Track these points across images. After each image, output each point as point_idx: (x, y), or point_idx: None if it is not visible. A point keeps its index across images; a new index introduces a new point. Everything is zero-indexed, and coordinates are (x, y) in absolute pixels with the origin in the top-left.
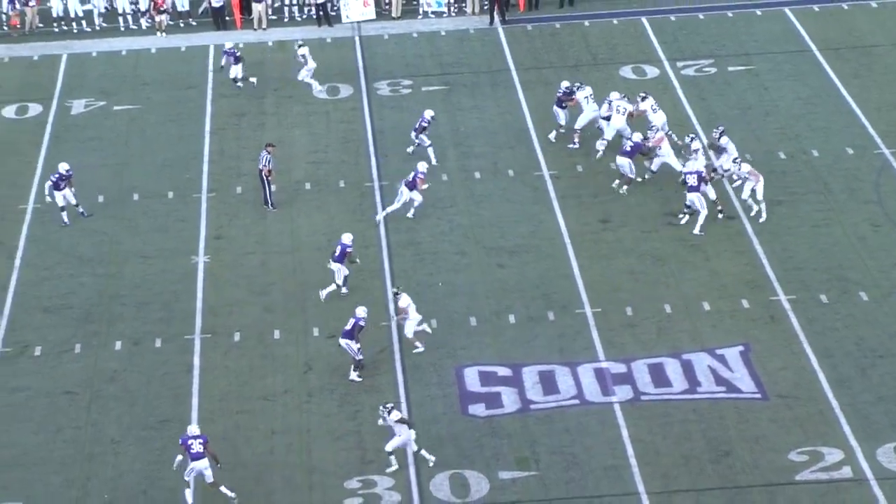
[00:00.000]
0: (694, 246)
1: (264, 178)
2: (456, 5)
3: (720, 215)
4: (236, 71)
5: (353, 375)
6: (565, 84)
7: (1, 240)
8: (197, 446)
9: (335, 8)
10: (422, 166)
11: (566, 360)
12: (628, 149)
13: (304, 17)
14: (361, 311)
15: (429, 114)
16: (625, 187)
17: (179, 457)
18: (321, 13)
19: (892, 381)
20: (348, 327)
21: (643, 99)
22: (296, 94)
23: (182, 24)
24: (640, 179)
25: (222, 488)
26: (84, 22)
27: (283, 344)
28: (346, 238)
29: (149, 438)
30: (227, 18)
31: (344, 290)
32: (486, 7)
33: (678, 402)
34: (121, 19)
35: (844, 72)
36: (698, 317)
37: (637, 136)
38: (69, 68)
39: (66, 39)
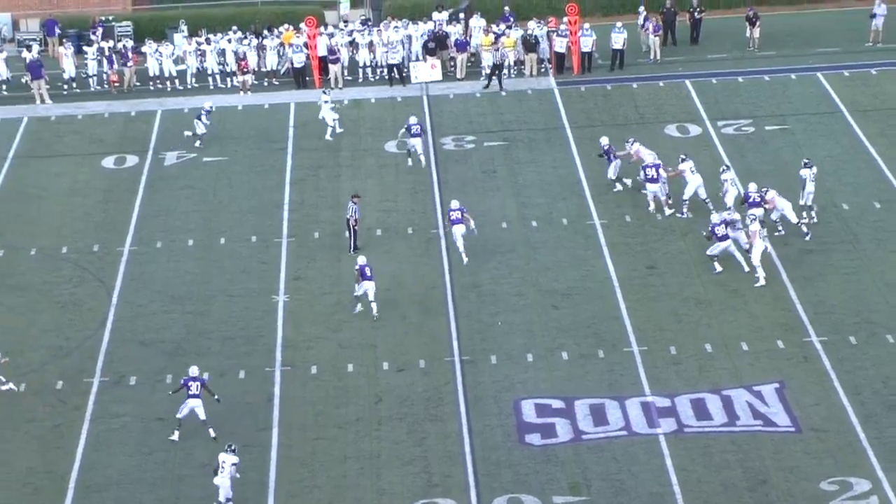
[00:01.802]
0: (734, 291)
1: (351, 226)
2: (515, 68)
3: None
4: (201, 128)
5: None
6: (604, 140)
7: (101, 279)
8: None
9: (405, 70)
10: (454, 203)
11: (615, 394)
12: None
13: (377, 77)
14: (194, 371)
15: (413, 119)
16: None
17: None
18: (393, 74)
19: None
20: (195, 392)
21: (683, 160)
22: (370, 148)
23: (266, 84)
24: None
25: None
26: (177, 81)
27: (355, 376)
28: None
29: None
30: (308, 78)
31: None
32: (524, 71)
33: (718, 434)
34: (210, 79)
35: (872, 131)
36: (737, 356)
37: (752, 187)
38: (163, 123)
39: (161, 97)
